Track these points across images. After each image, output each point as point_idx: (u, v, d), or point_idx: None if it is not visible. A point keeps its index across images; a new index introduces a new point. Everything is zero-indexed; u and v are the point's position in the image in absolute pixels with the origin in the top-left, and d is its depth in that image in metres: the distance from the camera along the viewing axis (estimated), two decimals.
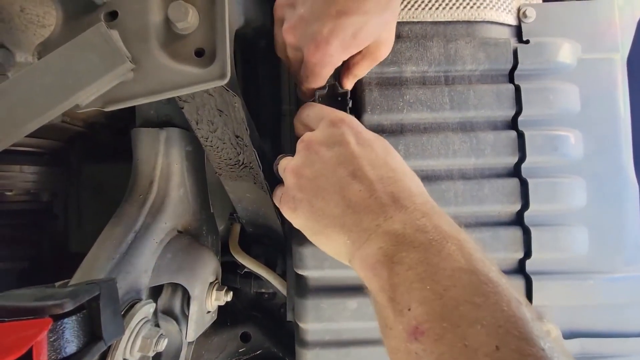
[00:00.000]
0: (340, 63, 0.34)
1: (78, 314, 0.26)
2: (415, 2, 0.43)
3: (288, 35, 0.34)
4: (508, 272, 0.43)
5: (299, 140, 0.32)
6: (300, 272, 0.42)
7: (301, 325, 0.43)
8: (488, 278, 0.20)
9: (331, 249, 0.28)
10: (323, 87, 0.38)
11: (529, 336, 0.17)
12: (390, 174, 0.27)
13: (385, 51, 0.35)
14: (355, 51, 0.33)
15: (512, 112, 0.43)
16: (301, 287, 0.43)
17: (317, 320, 0.42)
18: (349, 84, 0.38)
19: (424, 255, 0.22)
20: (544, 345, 0.17)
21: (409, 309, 0.21)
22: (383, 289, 0.23)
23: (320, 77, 0.35)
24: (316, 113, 0.34)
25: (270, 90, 0.51)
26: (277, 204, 0.32)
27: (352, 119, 0.31)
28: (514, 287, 0.20)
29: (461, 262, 0.21)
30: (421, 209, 0.25)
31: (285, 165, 0.32)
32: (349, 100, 0.39)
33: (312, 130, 0.33)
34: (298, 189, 0.29)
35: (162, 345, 0.35)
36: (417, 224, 0.24)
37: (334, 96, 0.39)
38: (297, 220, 0.30)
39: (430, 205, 0.26)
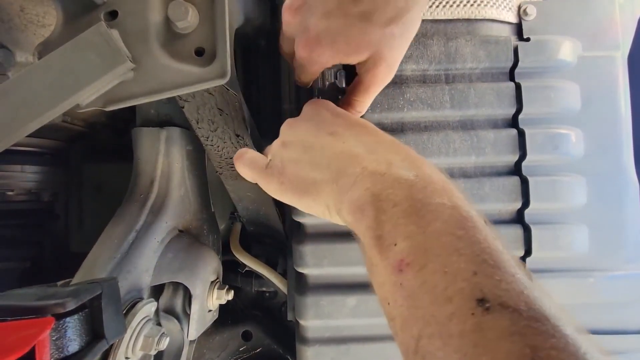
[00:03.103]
0: (329, 64, 0.33)
1: (80, 313, 0.26)
2: None
3: (285, 17, 0.33)
4: None
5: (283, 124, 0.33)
6: (300, 269, 0.43)
7: (301, 322, 0.43)
8: (468, 214, 0.22)
9: (320, 204, 0.28)
10: (323, 86, 0.38)
11: (502, 265, 0.19)
12: (368, 134, 0.29)
13: (384, 70, 0.32)
14: (348, 57, 0.32)
15: (512, 110, 0.43)
16: (301, 284, 0.43)
17: (317, 317, 0.42)
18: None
19: (409, 191, 0.23)
20: (514, 272, 0.19)
21: (395, 244, 0.22)
22: (370, 228, 0.24)
23: (308, 74, 0.34)
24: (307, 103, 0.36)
25: (270, 89, 0.51)
26: (258, 174, 0.32)
27: (327, 101, 0.33)
28: (490, 224, 0.22)
29: (444, 198, 0.23)
30: (404, 153, 0.27)
31: (268, 151, 0.34)
32: None
33: None
34: (285, 151, 0.30)
35: (164, 344, 0.35)
36: (402, 164, 0.25)
37: (334, 95, 0.39)
38: (285, 184, 0.30)
39: (413, 152, 0.27)
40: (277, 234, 0.53)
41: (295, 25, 0.33)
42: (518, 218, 0.43)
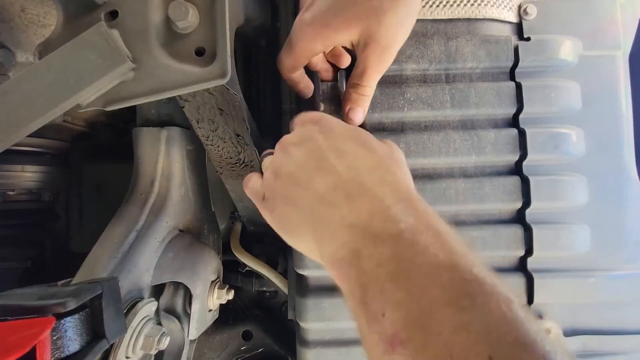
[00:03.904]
0: (319, 43, 0.32)
1: (81, 313, 0.26)
2: None
3: None
4: (509, 270, 0.43)
5: (277, 142, 0.31)
6: (300, 271, 0.43)
7: (302, 324, 0.43)
8: (472, 275, 0.17)
9: (305, 248, 0.27)
10: (326, 88, 0.38)
11: (526, 340, 0.15)
12: (360, 164, 0.25)
13: (377, 51, 0.31)
14: (337, 33, 0.31)
15: (513, 110, 0.43)
16: (302, 286, 0.43)
17: (318, 320, 0.42)
18: (352, 110, 0.35)
19: (395, 249, 0.19)
20: (544, 350, 0.15)
21: (383, 315, 0.18)
22: (352, 292, 0.20)
23: (296, 54, 0.33)
24: (299, 117, 0.32)
25: (270, 89, 0.51)
26: (257, 206, 0.31)
27: (324, 117, 0.30)
28: (503, 284, 0.17)
29: (439, 256, 0.18)
30: (395, 196, 0.22)
31: (267, 166, 0.32)
32: None
33: None
34: (276, 187, 0.28)
35: (164, 344, 0.35)
36: (387, 214, 0.21)
37: (335, 97, 0.39)
38: (274, 220, 0.29)
39: (405, 192, 0.23)
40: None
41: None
42: (519, 218, 0.43)
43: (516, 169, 0.43)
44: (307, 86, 0.38)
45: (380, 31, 0.30)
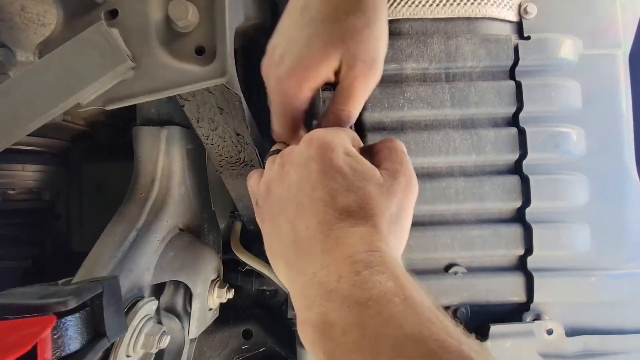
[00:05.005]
0: (306, 88, 0.29)
1: (81, 312, 0.26)
2: None
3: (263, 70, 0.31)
4: (509, 269, 0.43)
5: (280, 153, 0.29)
6: None
7: None
8: (439, 344, 0.17)
9: (280, 275, 0.26)
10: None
11: None
12: (347, 214, 0.23)
13: (363, 70, 0.28)
14: (319, 68, 0.28)
15: (512, 109, 0.43)
16: None
17: None
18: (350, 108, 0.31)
19: (360, 317, 0.19)
20: None
21: None
22: (318, 358, 0.20)
23: (287, 110, 0.30)
24: (311, 132, 0.29)
25: None
26: (252, 200, 0.30)
27: (330, 145, 0.26)
28: (472, 347, 0.18)
29: (405, 326, 0.18)
30: (368, 259, 0.21)
31: (269, 167, 0.30)
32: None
33: None
34: (267, 203, 0.27)
35: (165, 342, 0.35)
36: (355, 279, 0.20)
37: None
38: (262, 232, 0.28)
39: (380, 255, 0.21)
40: None
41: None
42: (519, 217, 0.43)
43: (516, 168, 0.43)
44: None
45: (362, 49, 0.28)
